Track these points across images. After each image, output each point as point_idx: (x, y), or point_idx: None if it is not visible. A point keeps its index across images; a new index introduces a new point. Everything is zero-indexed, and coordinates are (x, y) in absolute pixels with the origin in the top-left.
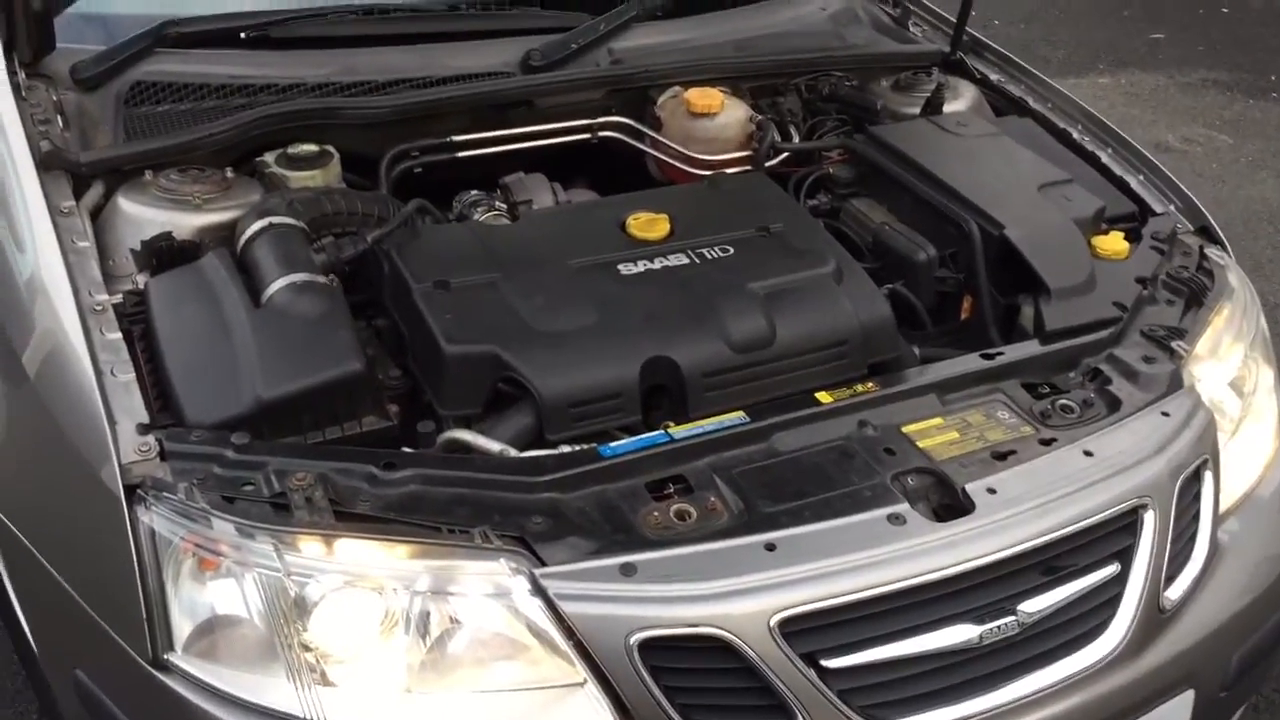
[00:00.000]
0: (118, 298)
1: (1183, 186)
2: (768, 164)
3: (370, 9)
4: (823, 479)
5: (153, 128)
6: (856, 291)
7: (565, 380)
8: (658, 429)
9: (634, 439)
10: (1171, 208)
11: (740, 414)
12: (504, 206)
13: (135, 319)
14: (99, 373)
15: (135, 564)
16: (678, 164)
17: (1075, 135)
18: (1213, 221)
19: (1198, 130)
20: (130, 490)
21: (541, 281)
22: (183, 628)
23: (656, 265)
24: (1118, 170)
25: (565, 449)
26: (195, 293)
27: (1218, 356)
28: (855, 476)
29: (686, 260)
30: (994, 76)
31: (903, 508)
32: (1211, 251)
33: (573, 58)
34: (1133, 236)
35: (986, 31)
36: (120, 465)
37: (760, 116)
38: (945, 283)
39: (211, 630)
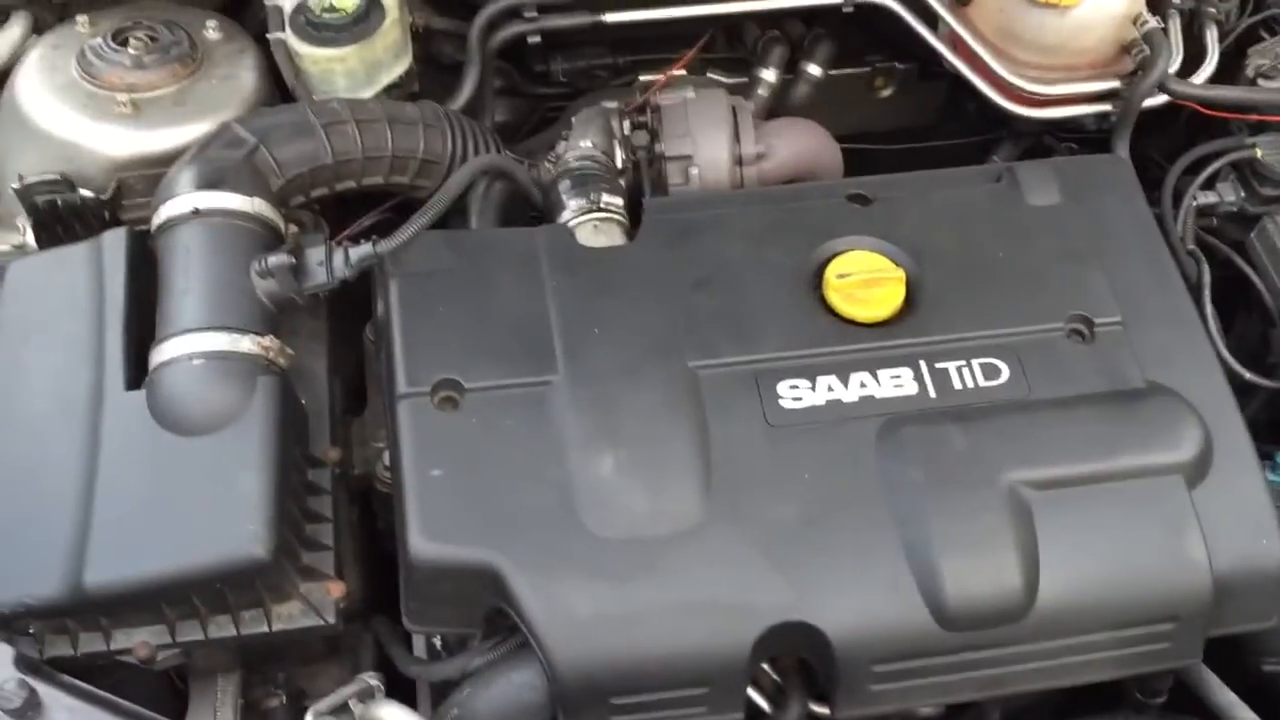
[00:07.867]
0: None
1: None
2: (1143, 105)
3: None
4: None
5: None
6: (1222, 501)
7: (603, 653)
8: None
9: None
10: None
11: None
12: (618, 204)
13: None
14: None
15: None
16: (983, 85)
17: None
18: None
19: None
20: None
21: (627, 406)
22: None
23: (850, 394)
24: None
25: None
26: (51, 317)
27: None
28: None
29: (912, 387)
30: None
31: None
32: None
33: None
34: None
35: None
36: None
37: (1151, 19)
38: None
39: None
